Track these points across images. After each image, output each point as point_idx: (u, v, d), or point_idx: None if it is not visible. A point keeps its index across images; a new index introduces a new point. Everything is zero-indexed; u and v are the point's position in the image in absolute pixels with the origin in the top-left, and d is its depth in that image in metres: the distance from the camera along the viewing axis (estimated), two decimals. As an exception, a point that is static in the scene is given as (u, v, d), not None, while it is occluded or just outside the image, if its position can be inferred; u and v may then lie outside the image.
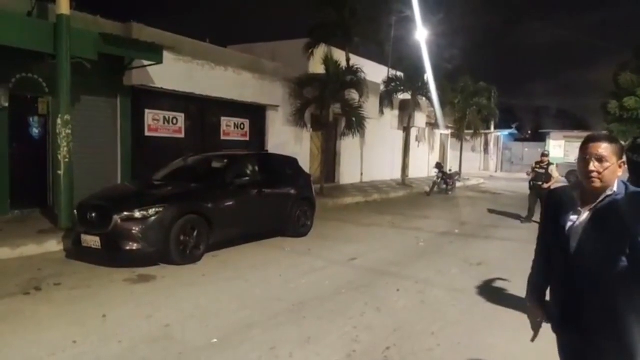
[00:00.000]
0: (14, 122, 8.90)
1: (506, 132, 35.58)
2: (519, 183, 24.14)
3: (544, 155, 11.19)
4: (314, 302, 4.92)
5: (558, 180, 10.57)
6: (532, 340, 2.38)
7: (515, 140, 37.49)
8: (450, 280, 5.95)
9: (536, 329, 2.34)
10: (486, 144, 34.63)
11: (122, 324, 4.24)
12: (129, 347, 3.76)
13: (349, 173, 18.56)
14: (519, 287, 5.63)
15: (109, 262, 6.12)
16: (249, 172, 7.91)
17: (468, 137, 25.30)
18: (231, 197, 7.21)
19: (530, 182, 11.10)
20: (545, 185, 10.44)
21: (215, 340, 3.92)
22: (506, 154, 35.60)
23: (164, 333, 4.06)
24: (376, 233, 9.26)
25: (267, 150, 12.45)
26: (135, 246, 6.03)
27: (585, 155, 1.98)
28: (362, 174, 19.42)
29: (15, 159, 8.94)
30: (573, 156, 31.22)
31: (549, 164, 10.86)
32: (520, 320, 4.56)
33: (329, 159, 16.97)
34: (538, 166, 10.90)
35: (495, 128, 33.35)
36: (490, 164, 35.01)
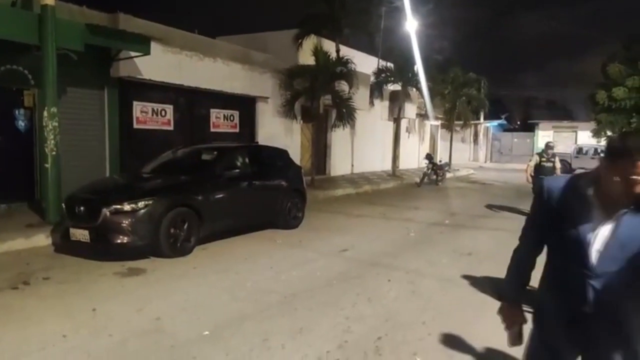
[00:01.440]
0: (-1, 115, 8.76)
1: (495, 122, 35.79)
2: (508, 173, 24.35)
3: (548, 146, 9.96)
4: (305, 294, 4.93)
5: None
6: (511, 345, 2.14)
7: (505, 131, 37.78)
8: (440, 270, 5.99)
9: (514, 334, 2.11)
10: (476, 134, 34.82)
11: (113, 317, 4.22)
12: (119, 341, 3.74)
13: (339, 164, 18.56)
14: (508, 277, 5.69)
15: (98, 255, 6.07)
16: (239, 164, 7.87)
17: (458, 128, 25.38)
18: (221, 190, 7.17)
19: (533, 178, 9.73)
20: None
21: (206, 332, 3.91)
22: (495, 145, 35.89)
23: (155, 326, 4.05)
24: (367, 224, 9.29)
25: (257, 142, 12.40)
26: (124, 239, 5.98)
27: (633, 169, 1.69)
28: (352, 166, 19.44)
29: (1, 152, 8.80)
30: (562, 146, 31.58)
31: (554, 155, 9.93)
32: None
33: (320, 150, 16.94)
34: (544, 159, 9.73)
35: (485, 119, 33.53)
36: (480, 154, 35.25)
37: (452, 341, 3.83)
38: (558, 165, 9.86)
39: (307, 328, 4.03)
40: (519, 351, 3.64)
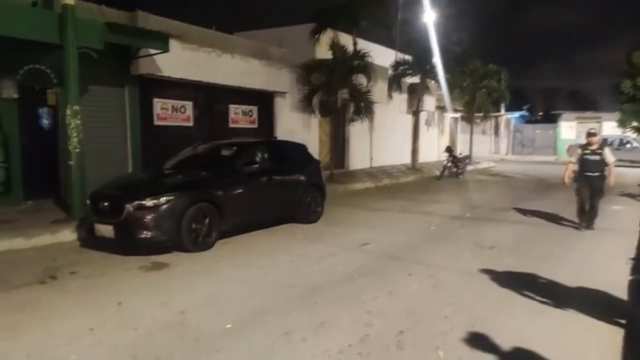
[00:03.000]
0: (24, 114, 8.97)
1: (517, 114, 35.18)
2: (530, 165, 23.97)
3: (591, 134, 7.99)
4: (326, 288, 4.94)
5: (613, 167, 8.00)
6: None
7: (526, 123, 37.10)
8: (462, 264, 5.93)
9: None
10: (496, 126, 34.29)
11: (138, 311, 4.29)
12: (145, 334, 3.80)
13: (358, 158, 18.51)
14: (531, 271, 5.61)
15: (122, 250, 6.19)
16: (258, 159, 7.91)
17: (478, 120, 25.04)
18: (241, 185, 7.22)
19: (576, 173, 8.09)
20: (612, 179, 7.88)
21: (229, 326, 3.95)
22: (517, 137, 35.25)
23: (179, 319, 4.11)
24: (387, 218, 9.25)
25: (275, 137, 12.43)
26: (148, 234, 6.07)
27: None
28: (371, 159, 19.36)
29: (27, 151, 9.02)
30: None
31: (603, 145, 8.11)
32: (533, 304, 4.56)
33: (338, 144, 16.91)
34: (588, 151, 7.87)
35: (506, 110, 32.97)
36: (501, 146, 34.70)
37: (474, 335, 3.79)
38: (611, 158, 7.93)
39: (328, 322, 4.04)
40: (540, 346, 3.60)
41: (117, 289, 4.91)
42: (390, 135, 20.32)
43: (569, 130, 31.95)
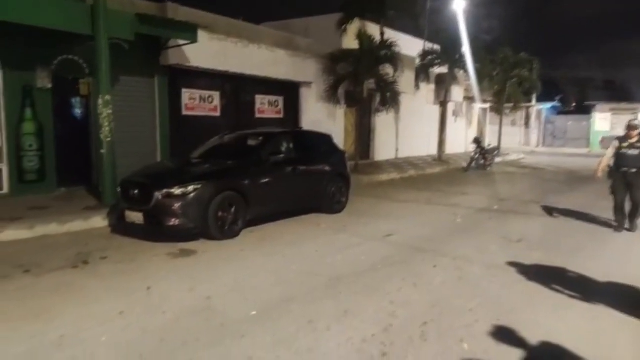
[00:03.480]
0: (57, 103, 9.24)
1: (549, 105, 34.19)
2: (562, 158, 23.37)
3: (632, 127, 7.27)
4: (350, 278, 4.95)
5: None
6: None
7: (559, 114, 36.02)
8: (489, 257, 5.85)
9: None
10: (527, 117, 33.46)
11: (166, 296, 4.40)
12: (173, 318, 3.90)
13: (383, 149, 18.39)
14: (559, 265, 5.50)
15: (151, 236, 6.33)
16: (283, 149, 7.95)
17: (508, 111, 24.48)
18: (267, 174, 7.27)
19: (610, 168, 7.53)
20: None
21: (254, 312, 4.01)
22: (549, 128, 34.26)
23: (205, 305, 4.19)
24: (412, 209, 9.19)
25: (301, 127, 12.45)
26: (176, 222, 6.20)
27: None
28: (397, 150, 19.21)
29: (60, 139, 9.29)
30: (621, 129, 29.79)
31: None
32: (561, 298, 4.47)
33: (364, 135, 16.83)
34: (627, 144, 7.26)
35: (537, 101, 32.10)
36: (532, 138, 33.85)
37: (499, 329, 3.75)
38: None
39: (352, 311, 4.06)
40: (567, 340, 3.54)
41: (146, 274, 5.04)
42: (417, 126, 20.09)
43: (603, 121, 30.95)
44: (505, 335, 3.64)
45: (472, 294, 4.55)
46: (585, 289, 4.67)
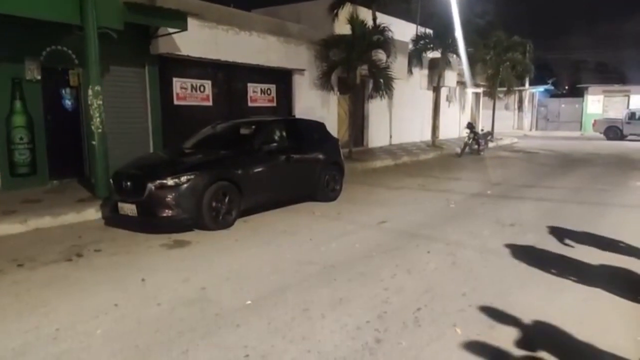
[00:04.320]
0: (47, 95, 9.13)
1: (541, 88, 34.19)
2: (555, 141, 23.45)
3: None
4: (344, 265, 4.98)
5: None
6: None
7: (551, 97, 36.07)
8: (482, 241, 5.89)
9: None
10: (520, 101, 33.48)
11: (161, 287, 4.41)
12: (168, 309, 3.91)
13: (377, 136, 18.36)
14: (552, 248, 5.55)
15: (145, 228, 6.32)
16: (276, 137, 7.93)
17: (501, 95, 24.45)
18: (260, 163, 7.25)
19: None
20: None
21: (249, 302, 4.03)
22: (541, 111, 34.35)
23: (200, 295, 4.21)
24: (406, 196, 9.21)
25: (294, 115, 12.40)
26: (169, 213, 6.19)
27: None
28: (391, 137, 19.19)
29: (51, 131, 9.21)
30: (612, 112, 29.91)
31: None
32: (554, 281, 4.52)
33: (357, 122, 16.79)
34: None
35: (530, 84, 32.09)
36: (525, 122, 33.92)
37: (492, 313, 3.78)
38: None
39: (347, 298, 4.08)
40: (561, 322, 3.58)
41: (141, 265, 5.04)
42: (410, 112, 20.05)
43: (596, 104, 31.05)
44: (498, 318, 3.69)
45: (465, 278, 4.59)
46: (578, 271, 4.72)
